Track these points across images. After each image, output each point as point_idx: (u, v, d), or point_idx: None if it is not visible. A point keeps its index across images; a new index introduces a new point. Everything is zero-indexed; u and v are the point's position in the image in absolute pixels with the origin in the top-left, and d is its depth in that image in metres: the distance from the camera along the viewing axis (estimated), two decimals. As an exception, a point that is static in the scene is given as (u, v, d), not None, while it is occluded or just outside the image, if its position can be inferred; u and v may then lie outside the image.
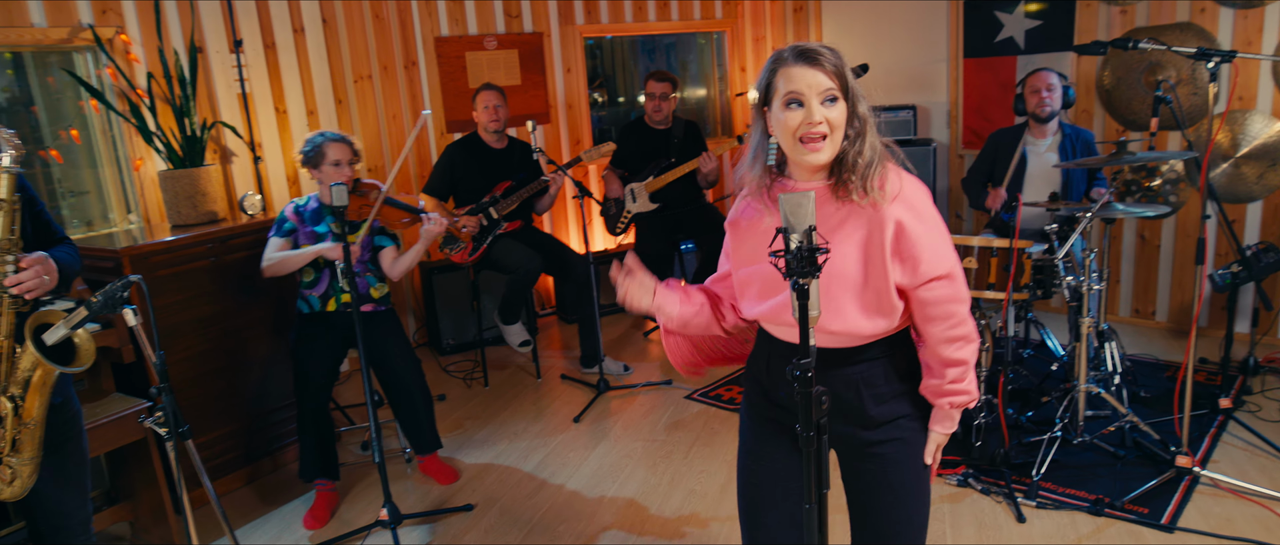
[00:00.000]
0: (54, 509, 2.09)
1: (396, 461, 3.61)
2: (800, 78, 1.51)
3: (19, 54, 3.63)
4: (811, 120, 1.51)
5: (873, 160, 1.55)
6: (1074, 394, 3.14)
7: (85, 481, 2.15)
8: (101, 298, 1.74)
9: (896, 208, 1.53)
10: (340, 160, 3.12)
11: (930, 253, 1.54)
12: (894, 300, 1.57)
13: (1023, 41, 4.75)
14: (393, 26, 4.93)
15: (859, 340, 1.60)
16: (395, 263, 3.24)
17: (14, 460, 1.86)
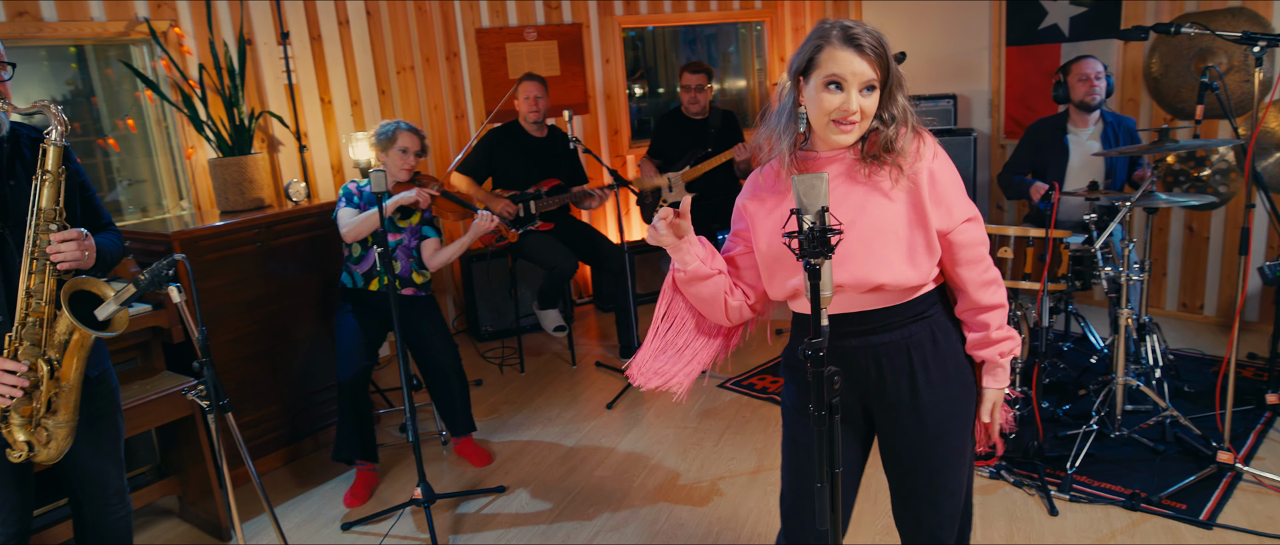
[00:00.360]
0: (93, 479, 2.19)
1: (433, 443, 3.69)
2: (845, 62, 1.52)
3: (81, 47, 3.79)
4: (848, 107, 1.53)
5: (908, 140, 1.59)
6: (1112, 387, 3.09)
7: (121, 453, 2.24)
8: (149, 275, 1.83)
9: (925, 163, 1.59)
10: (408, 148, 3.26)
11: (959, 195, 1.63)
12: (936, 244, 1.61)
13: (1067, 29, 4.65)
14: (435, 18, 5.02)
15: (905, 294, 1.62)
16: (436, 254, 3.32)
17: (50, 422, 1.94)
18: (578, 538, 2.86)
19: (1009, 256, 3.10)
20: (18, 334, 1.87)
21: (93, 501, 2.22)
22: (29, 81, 3.68)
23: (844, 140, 1.57)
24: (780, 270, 1.67)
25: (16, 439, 1.92)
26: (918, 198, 1.58)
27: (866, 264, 1.57)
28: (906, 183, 1.58)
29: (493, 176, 4.40)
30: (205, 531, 3.12)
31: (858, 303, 1.63)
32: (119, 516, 2.27)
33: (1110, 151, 3.15)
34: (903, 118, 1.58)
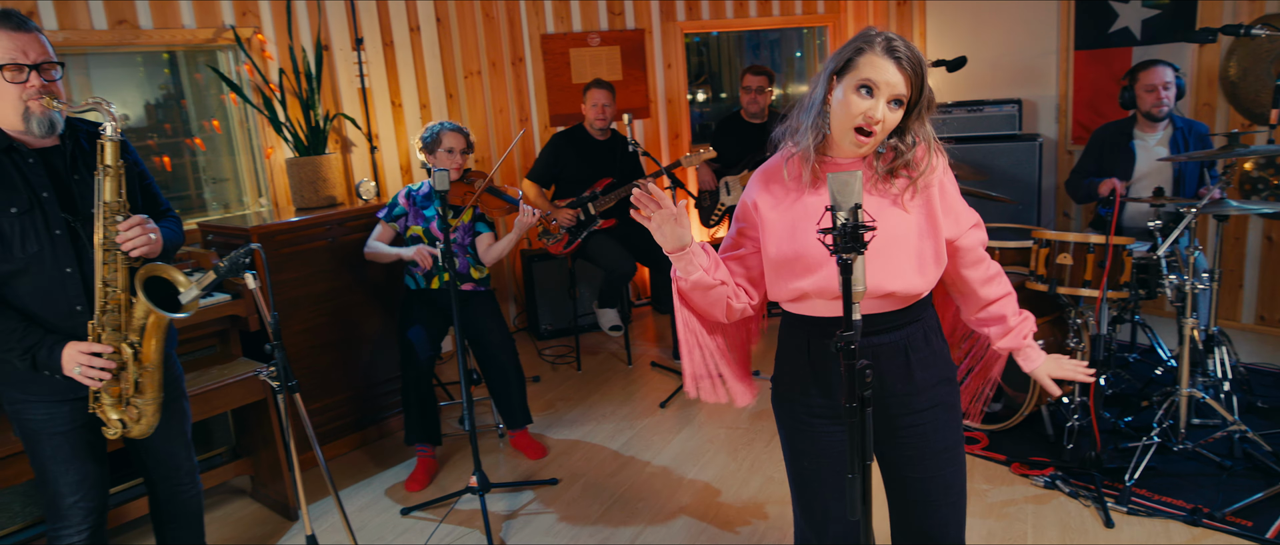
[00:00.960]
0: (165, 460, 2.34)
1: (490, 435, 3.81)
2: (881, 70, 1.55)
3: (173, 54, 4.03)
4: (872, 116, 1.56)
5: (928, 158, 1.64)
6: (1175, 399, 3.01)
7: (189, 435, 2.39)
8: (227, 263, 1.96)
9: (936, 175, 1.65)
10: (454, 148, 3.37)
11: (962, 203, 1.72)
12: (944, 254, 1.68)
13: (1139, 32, 4.53)
14: (502, 24, 5.16)
15: (909, 300, 1.67)
16: (489, 249, 3.43)
17: (139, 401, 2.09)
18: (627, 532, 2.92)
19: (1068, 263, 3.06)
20: (100, 320, 2.00)
21: (165, 481, 2.37)
22: (125, 86, 3.94)
23: (861, 151, 1.60)
24: (789, 272, 1.65)
25: (110, 417, 2.09)
26: (930, 209, 1.64)
27: (879, 272, 1.60)
28: (920, 195, 1.64)
29: (557, 183, 4.50)
30: (274, 511, 3.29)
31: (864, 306, 1.64)
32: (190, 495, 2.43)
33: (1178, 156, 3.07)
34: (924, 140, 1.63)
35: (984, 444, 3.27)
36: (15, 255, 1.96)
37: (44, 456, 2.08)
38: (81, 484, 2.10)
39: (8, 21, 1.89)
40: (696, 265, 1.64)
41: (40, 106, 1.93)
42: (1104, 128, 3.79)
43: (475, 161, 5.12)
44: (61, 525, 2.12)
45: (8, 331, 1.94)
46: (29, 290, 2.00)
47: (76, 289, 2.03)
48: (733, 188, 4.81)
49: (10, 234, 1.95)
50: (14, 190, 1.96)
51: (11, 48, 1.88)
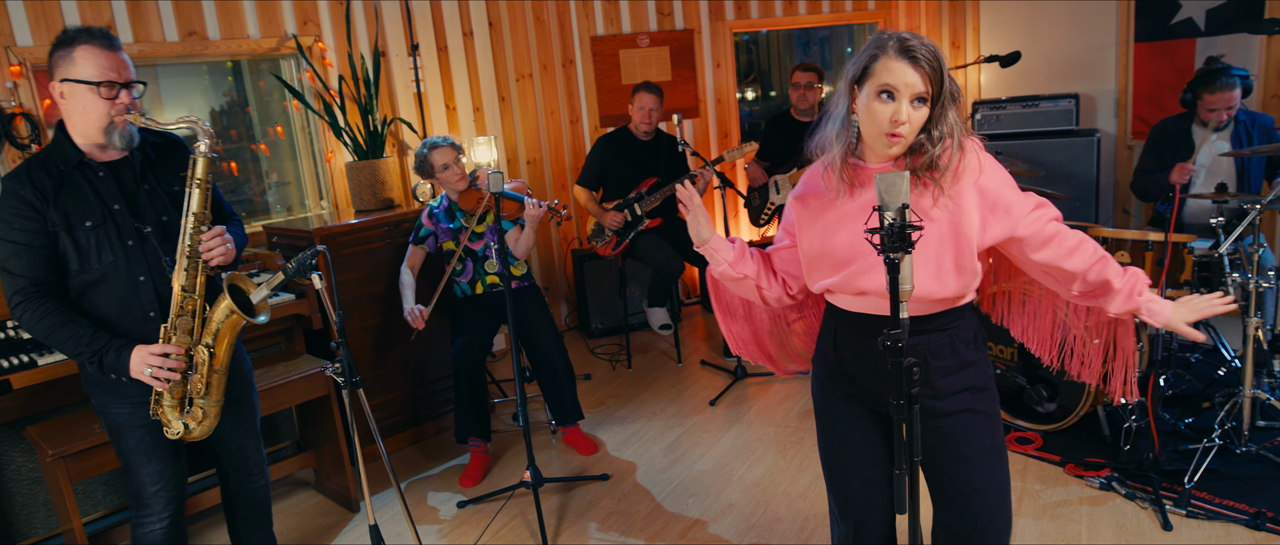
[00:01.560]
0: (236, 453, 2.46)
1: (542, 431, 3.89)
2: (899, 73, 1.56)
3: (238, 62, 4.20)
4: (898, 118, 1.57)
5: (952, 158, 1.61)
6: (1238, 400, 2.94)
7: (258, 429, 2.50)
8: (295, 264, 2.06)
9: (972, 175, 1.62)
10: (448, 163, 3.41)
11: (1015, 195, 1.65)
12: (975, 263, 1.65)
13: (1203, 22, 4.41)
14: (552, 27, 5.24)
15: (930, 306, 1.67)
16: (517, 242, 3.49)
17: (204, 402, 2.18)
18: (676, 527, 2.96)
19: (1126, 261, 3.01)
20: (173, 324, 2.10)
21: (237, 473, 2.49)
22: (191, 93, 4.12)
23: (894, 151, 1.61)
24: (819, 267, 1.74)
25: (170, 420, 2.17)
26: (958, 218, 1.61)
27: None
28: (947, 202, 1.61)
29: (604, 184, 4.57)
30: (336, 502, 3.41)
31: (881, 307, 1.67)
32: (259, 486, 2.55)
33: (1240, 151, 3.00)
34: (949, 134, 1.60)
35: (1038, 444, 3.24)
36: (92, 267, 2.07)
37: (128, 449, 2.20)
38: (162, 474, 2.22)
39: (103, 40, 2.01)
40: (721, 259, 1.81)
41: (124, 122, 2.05)
42: (1163, 122, 3.71)
43: (526, 162, 5.21)
44: (145, 513, 2.24)
45: (76, 337, 2.04)
46: (106, 299, 2.11)
47: (149, 296, 2.13)
48: (782, 186, 4.81)
49: (87, 247, 2.06)
50: (88, 205, 2.06)
51: (107, 66, 2.00)
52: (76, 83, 2.00)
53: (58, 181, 2.05)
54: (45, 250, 2.04)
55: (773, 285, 1.87)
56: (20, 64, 3.29)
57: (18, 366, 2.75)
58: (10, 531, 2.98)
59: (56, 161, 2.07)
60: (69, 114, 2.06)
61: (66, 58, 2.01)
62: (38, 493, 3.02)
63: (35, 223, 2.02)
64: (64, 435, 2.67)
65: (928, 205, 1.62)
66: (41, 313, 2.03)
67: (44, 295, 2.05)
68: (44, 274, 2.05)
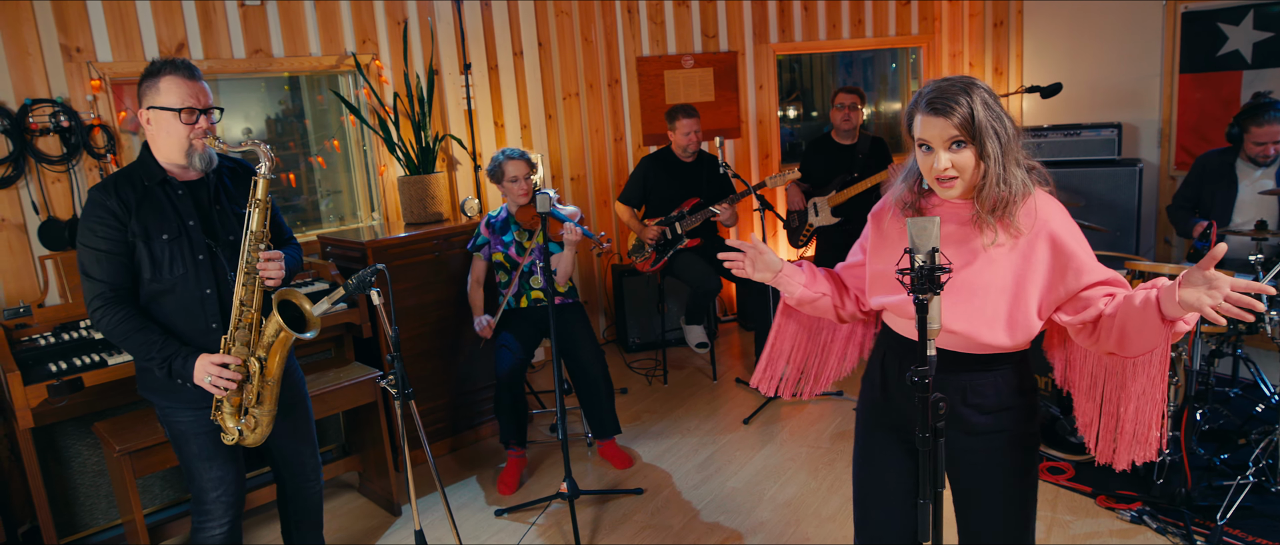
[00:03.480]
0: (292, 459, 2.60)
1: (579, 444, 3.99)
2: (928, 126, 1.64)
3: (295, 77, 4.38)
4: (939, 167, 1.64)
5: (1013, 197, 1.64)
6: (1275, 438, 2.94)
7: (313, 436, 2.64)
8: (355, 281, 2.18)
9: (1045, 226, 1.65)
10: (518, 175, 3.55)
11: (1087, 259, 1.64)
12: (1032, 320, 1.66)
13: (1250, 55, 4.39)
14: (599, 47, 5.37)
15: (977, 348, 1.71)
16: (557, 263, 3.59)
17: (257, 411, 2.32)
18: (708, 543, 3.04)
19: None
20: (232, 336, 2.25)
21: (293, 478, 2.63)
22: (248, 101, 4.30)
23: (949, 195, 1.68)
24: (880, 284, 1.81)
25: (227, 425, 2.32)
26: (1025, 270, 1.64)
27: (949, 311, 1.66)
28: (1018, 252, 1.64)
29: (646, 203, 4.67)
30: (380, 506, 3.54)
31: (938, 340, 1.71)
32: (314, 491, 2.68)
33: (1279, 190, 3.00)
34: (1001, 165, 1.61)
35: (1070, 475, 3.25)
36: (164, 277, 2.23)
37: (190, 455, 2.34)
38: (223, 480, 2.35)
39: (185, 71, 2.18)
40: (796, 283, 1.89)
41: (202, 145, 2.21)
42: (1207, 155, 3.71)
43: (570, 178, 5.34)
44: (205, 518, 2.37)
45: (149, 343, 2.19)
46: (172, 308, 2.26)
47: (213, 308, 2.29)
48: (821, 209, 4.88)
49: (161, 258, 2.22)
50: (165, 219, 2.23)
51: (187, 94, 2.17)
52: (161, 109, 2.17)
53: (141, 195, 2.21)
54: (124, 258, 2.20)
55: (847, 302, 1.93)
56: (100, 79, 3.49)
57: (89, 365, 2.93)
58: (73, 521, 3.15)
59: (141, 177, 2.23)
60: (154, 137, 2.23)
61: (153, 87, 2.18)
62: (101, 485, 3.19)
63: (117, 231, 2.18)
64: (129, 432, 2.83)
65: (994, 250, 1.65)
66: (119, 318, 2.18)
67: (121, 302, 2.20)
68: (122, 280, 2.20)
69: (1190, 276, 1.45)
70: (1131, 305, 1.55)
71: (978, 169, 1.64)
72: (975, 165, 1.63)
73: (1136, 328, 1.55)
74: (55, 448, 3.08)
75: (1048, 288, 1.66)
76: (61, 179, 3.43)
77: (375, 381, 3.28)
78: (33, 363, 2.88)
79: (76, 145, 3.42)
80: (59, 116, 3.37)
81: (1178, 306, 1.47)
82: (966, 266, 1.68)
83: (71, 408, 2.99)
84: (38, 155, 3.35)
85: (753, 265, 1.88)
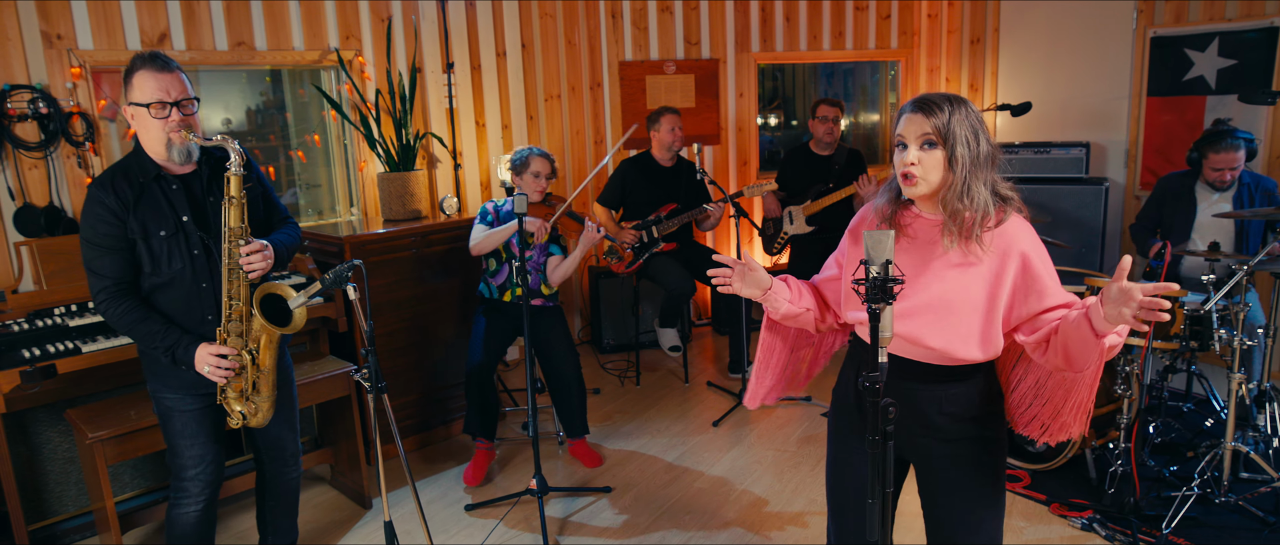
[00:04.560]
0: (274, 443, 2.66)
1: (550, 441, 4.04)
2: (908, 123, 1.73)
3: (277, 70, 4.40)
4: (906, 161, 1.72)
5: (975, 215, 1.71)
6: (1219, 451, 3.05)
7: (296, 423, 2.70)
8: (331, 276, 2.22)
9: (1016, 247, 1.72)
10: (540, 172, 3.62)
11: (1052, 283, 1.73)
12: (998, 336, 1.76)
13: (1214, 81, 4.52)
14: (583, 51, 5.43)
15: (951, 361, 1.78)
16: (556, 269, 3.65)
17: (256, 398, 2.41)
18: (672, 541, 3.10)
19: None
20: (226, 327, 2.32)
21: (273, 462, 2.68)
22: (228, 93, 4.32)
23: (911, 192, 1.75)
24: (852, 300, 1.88)
25: (233, 409, 2.41)
26: (996, 288, 1.71)
27: (926, 328, 1.74)
28: (990, 269, 1.71)
29: (624, 205, 4.73)
30: (351, 498, 3.57)
31: (907, 351, 1.80)
32: (292, 477, 2.74)
33: (1236, 213, 3.11)
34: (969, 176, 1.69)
35: (1026, 482, 3.35)
36: (162, 271, 2.29)
37: (174, 432, 2.41)
38: (202, 459, 2.42)
39: (154, 63, 2.20)
40: (782, 299, 1.92)
41: (180, 138, 2.24)
42: (1168, 177, 3.83)
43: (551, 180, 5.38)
44: (182, 495, 2.43)
45: (153, 333, 2.26)
46: (171, 301, 2.32)
47: (209, 301, 2.35)
48: (795, 217, 4.96)
49: (159, 254, 2.28)
50: (162, 215, 2.28)
51: (157, 88, 2.19)
52: (137, 106, 2.21)
53: (138, 192, 2.25)
54: (125, 253, 2.26)
55: (827, 315, 1.99)
56: (80, 66, 3.50)
57: (63, 352, 2.94)
58: (42, 508, 3.16)
59: (137, 173, 2.27)
60: (140, 133, 2.27)
61: (129, 84, 2.22)
62: (71, 472, 3.20)
63: (117, 229, 2.23)
64: (102, 419, 2.85)
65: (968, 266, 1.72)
66: (123, 310, 2.25)
67: (125, 294, 2.27)
68: (125, 274, 2.27)
69: (1107, 293, 1.52)
70: (1069, 323, 1.63)
71: (944, 176, 1.71)
72: (943, 171, 1.71)
73: (1077, 345, 1.62)
74: (26, 434, 3.09)
75: (1010, 307, 1.74)
76: (39, 166, 3.43)
77: (349, 375, 3.31)
78: (6, 349, 2.89)
79: (55, 132, 3.43)
80: (37, 103, 3.38)
81: (1104, 321, 1.55)
82: (939, 283, 1.75)
83: (44, 394, 3.00)
84: (15, 141, 3.36)
85: (740, 281, 1.89)
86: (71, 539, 3.24)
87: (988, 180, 1.74)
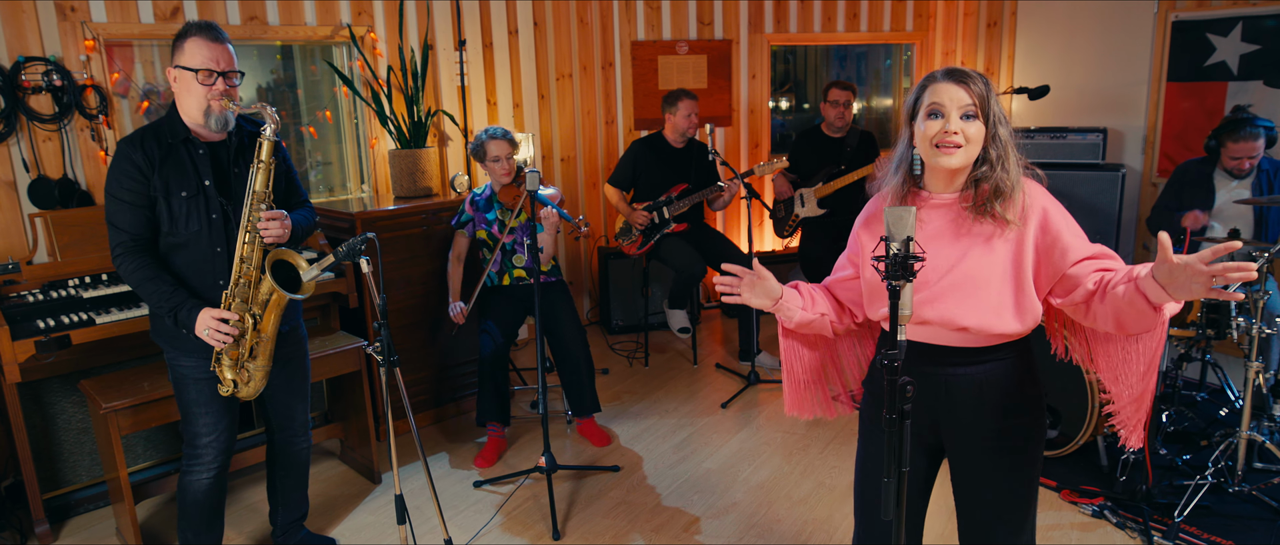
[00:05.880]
0: (284, 413, 2.68)
1: (558, 420, 4.04)
2: (944, 92, 1.69)
3: (289, 46, 4.38)
4: (948, 129, 1.68)
5: (1012, 187, 1.69)
6: (1234, 441, 3.03)
7: (307, 394, 2.72)
8: (345, 249, 2.22)
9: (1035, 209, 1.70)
10: (500, 155, 3.54)
11: (1076, 239, 1.69)
12: (1034, 303, 1.72)
13: (1237, 67, 4.46)
14: (595, 30, 5.39)
15: (989, 340, 1.74)
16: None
17: (251, 365, 2.41)
18: (680, 522, 3.10)
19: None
20: (233, 291, 2.33)
21: (282, 431, 2.70)
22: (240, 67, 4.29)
23: (949, 162, 1.69)
24: (878, 296, 1.80)
25: (226, 376, 2.41)
26: (1020, 255, 1.68)
27: (957, 308, 1.70)
28: (1011, 238, 1.68)
29: (635, 187, 4.71)
30: (360, 473, 3.58)
31: (943, 338, 1.76)
32: (301, 447, 2.75)
33: (1256, 199, 3.08)
34: (1005, 153, 1.69)
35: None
36: (180, 232, 2.32)
37: (188, 399, 2.43)
38: (215, 427, 2.44)
39: (208, 32, 2.24)
40: (794, 307, 1.87)
41: (220, 106, 2.27)
42: (1186, 164, 3.78)
43: (561, 160, 5.37)
44: (195, 462, 2.46)
45: (160, 292, 2.28)
46: (185, 262, 2.35)
47: (223, 266, 2.37)
48: (807, 199, 4.93)
49: (179, 213, 2.30)
50: (185, 177, 2.31)
51: (208, 57, 2.23)
52: (183, 69, 2.24)
53: (165, 152, 2.29)
54: (146, 210, 2.28)
55: (841, 317, 1.94)
56: (94, 39, 3.49)
57: (77, 323, 2.95)
58: (56, 477, 3.18)
59: (167, 134, 2.30)
60: (179, 95, 2.30)
61: (180, 47, 2.26)
62: (85, 442, 3.23)
63: (141, 184, 2.26)
64: (116, 390, 2.86)
65: (991, 239, 1.69)
66: (137, 265, 2.28)
67: (142, 250, 2.30)
68: (143, 231, 2.29)
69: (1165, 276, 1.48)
70: (1117, 295, 1.59)
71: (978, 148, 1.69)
72: (979, 145, 1.69)
73: (1131, 316, 1.59)
74: (40, 404, 3.11)
75: (1036, 269, 1.71)
76: (52, 138, 3.43)
77: (360, 350, 3.32)
78: (20, 319, 2.91)
79: (68, 105, 3.43)
80: (52, 75, 3.37)
81: (1162, 293, 1.51)
82: (963, 260, 1.71)
83: (58, 365, 3.02)
84: (29, 113, 3.36)
85: (749, 290, 1.82)
86: (85, 508, 3.27)
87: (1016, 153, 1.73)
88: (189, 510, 2.52)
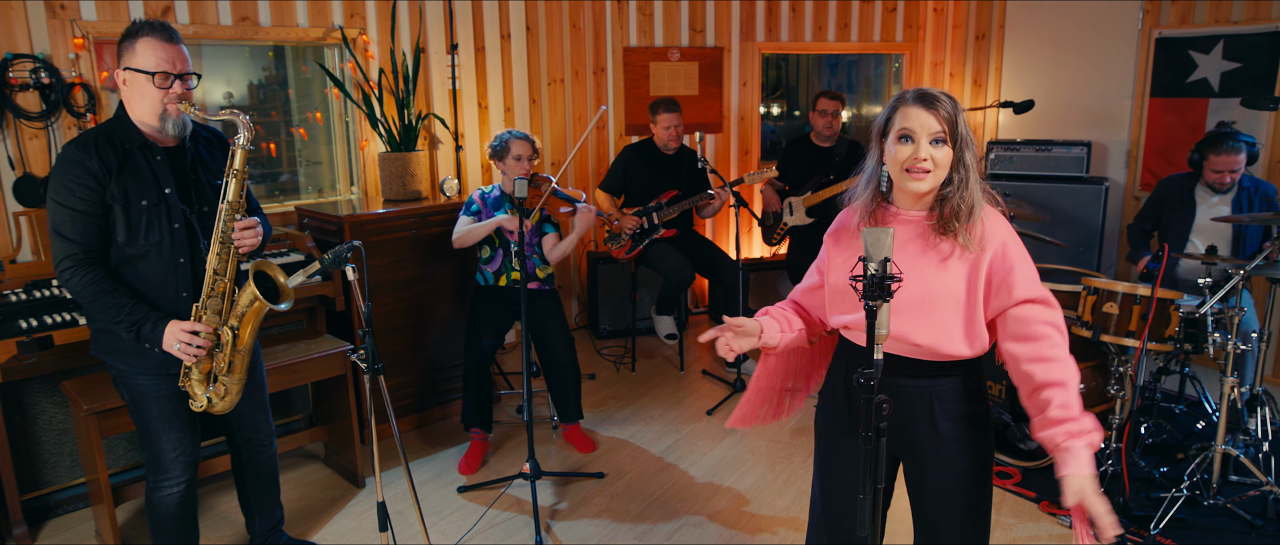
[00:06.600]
0: (248, 425, 2.65)
1: (543, 426, 4.05)
2: (915, 117, 1.73)
3: (280, 46, 4.38)
4: (918, 156, 1.73)
5: (974, 208, 1.74)
6: (1209, 454, 3.07)
7: (267, 402, 2.68)
8: (331, 256, 2.22)
9: (994, 240, 1.74)
10: (522, 155, 3.57)
11: (1025, 279, 1.73)
12: (982, 330, 1.77)
13: (1218, 84, 4.52)
14: (587, 35, 5.41)
15: (940, 358, 1.79)
16: (554, 248, 3.64)
17: (227, 379, 2.34)
18: (664, 529, 3.12)
19: (1114, 312, 3.14)
20: (204, 304, 2.26)
21: (248, 443, 2.69)
22: (231, 67, 4.29)
23: (918, 187, 1.74)
24: (840, 303, 1.87)
25: (196, 392, 2.35)
26: (974, 281, 1.73)
27: (911, 324, 1.75)
28: (968, 263, 1.73)
29: (625, 193, 4.73)
30: (344, 477, 3.59)
31: (897, 349, 1.81)
32: (267, 455, 2.74)
33: (1234, 218, 3.12)
34: (967, 176, 1.73)
35: (1016, 480, 3.37)
36: (139, 243, 2.22)
37: (149, 418, 2.36)
38: (180, 442, 2.39)
39: (163, 33, 2.16)
40: (775, 334, 1.93)
41: (176, 110, 2.20)
42: (1168, 179, 3.83)
43: (550, 163, 5.38)
44: (163, 478, 2.41)
45: (118, 306, 2.18)
46: (144, 274, 2.26)
47: (185, 277, 2.30)
48: (795, 208, 4.96)
49: (138, 223, 2.21)
50: (145, 185, 2.22)
51: (163, 58, 2.16)
52: (136, 71, 2.16)
53: (122, 158, 2.19)
54: (99, 220, 2.17)
55: (812, 327, 2.01)
56: (83, 37, 3.48)
57: (60, 324, 2.94)
58: (36, 478, 3.17)
59: (121, 139, 2.21)
60: (129, 99, 2.22)
61: (130, 48, 2.17)
62: (65, 444, 3.21)
63: (95, 193, 2.15)
64: (98, 391, 2.85)
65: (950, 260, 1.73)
66: (89, 280, 2.16)
67: (93, 263, 2.18)
68: (95, 242, 2.18)
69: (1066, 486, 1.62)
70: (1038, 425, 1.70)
71: (946, 171, 1.73)
72: (947, 169, 1.73)
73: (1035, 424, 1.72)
74: (21, 405, 3.10)
75: (986, 298, 1.76)
76: (39, 136, 3.42)
77: (345, 355, 3.32)
78: (3, 319, 2.90)
79: (56, 103, 3.42)
80: (40, 73, 3.36)
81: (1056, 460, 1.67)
82: (921, 278, 1.76)
83: (40, 365, 3.00)
84: (16, 110, 3.35)
85: (736, 339, 1.87)
86: (64, 510, 3.26)
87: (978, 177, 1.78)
88: (162, 524, 2.46)
